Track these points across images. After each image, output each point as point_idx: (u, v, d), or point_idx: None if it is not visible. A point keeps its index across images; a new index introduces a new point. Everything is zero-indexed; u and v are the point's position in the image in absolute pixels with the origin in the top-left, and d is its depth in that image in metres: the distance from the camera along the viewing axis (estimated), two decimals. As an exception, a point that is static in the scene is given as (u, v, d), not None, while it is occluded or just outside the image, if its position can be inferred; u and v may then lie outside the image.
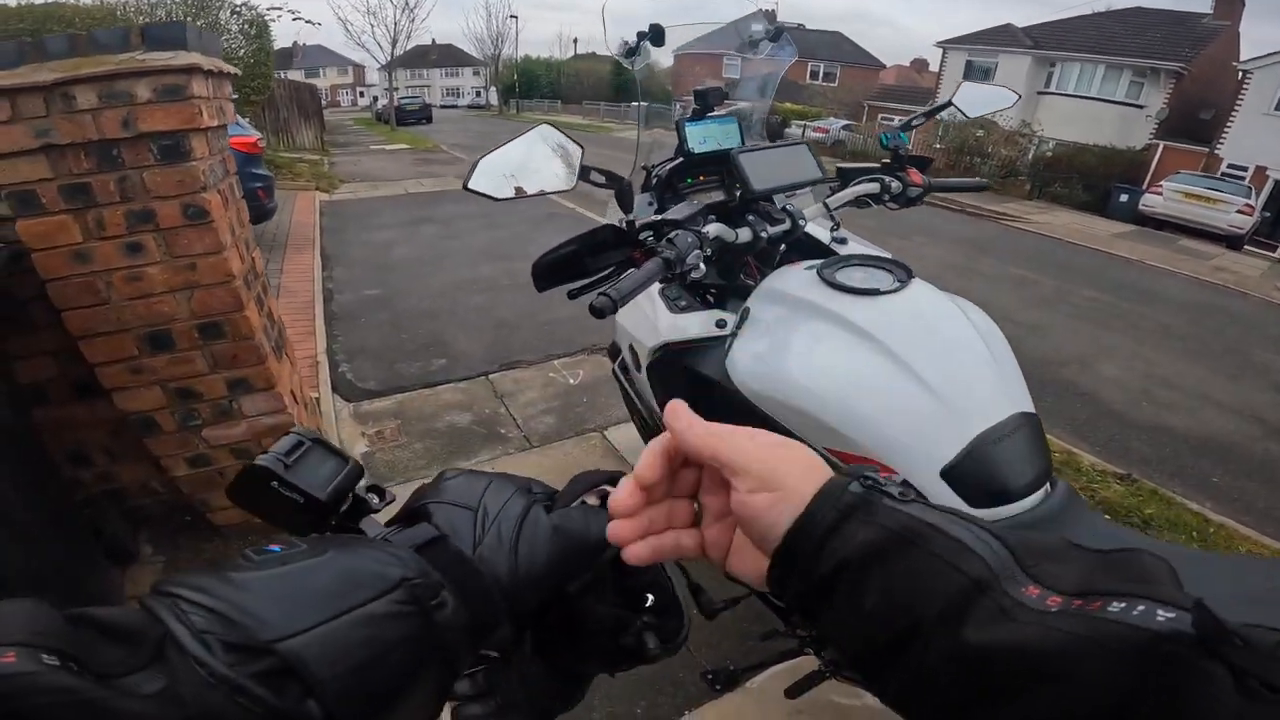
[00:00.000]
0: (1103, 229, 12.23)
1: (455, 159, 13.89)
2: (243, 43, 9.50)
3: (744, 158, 1.17)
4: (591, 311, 0.85)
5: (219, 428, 1.89)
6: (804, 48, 32.29)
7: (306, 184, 9.17)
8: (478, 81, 57.10)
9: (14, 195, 1.55)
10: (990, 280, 6.83)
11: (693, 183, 1.41)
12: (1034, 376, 4.34)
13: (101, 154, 1.56)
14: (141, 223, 1.62)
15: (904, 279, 1.05)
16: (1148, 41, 18.82)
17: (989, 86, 1.52)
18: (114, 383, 1.76)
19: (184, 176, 1.61)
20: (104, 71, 1.50)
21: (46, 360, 1.80)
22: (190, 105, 1.57)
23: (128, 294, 1.68)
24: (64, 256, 1.61)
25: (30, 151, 1.52)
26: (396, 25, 26.92)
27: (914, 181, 1.39)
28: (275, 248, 5.65)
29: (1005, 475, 0.87)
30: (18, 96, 1.48)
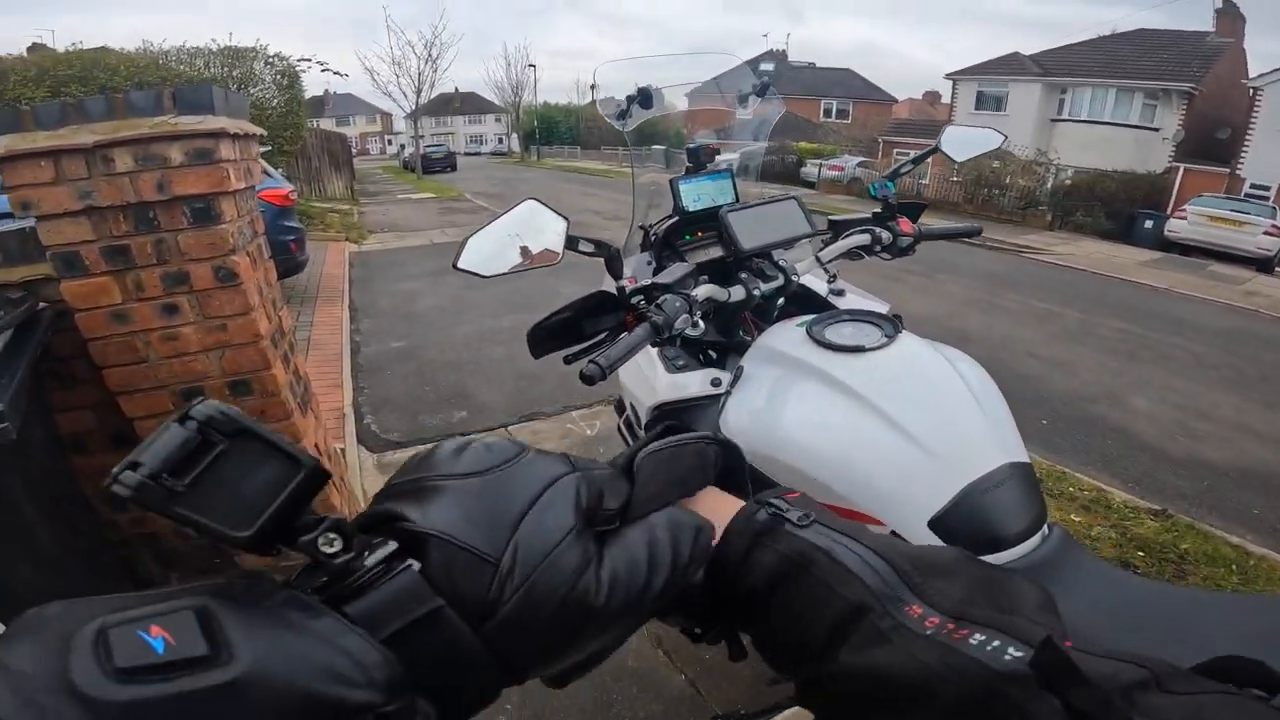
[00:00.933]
0: (1128, 257, 12.07)
1: (479, 208, 14.27)
2: (275, 93, 9.91)
3: (732, 216, 1.19)
4: (581, 379, 0.88)
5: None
6: (816, 85, 32.65)
7: (337, 235, 9.49)
8: (500, 128, 58.68)
9: (59, 256, 1.64)
10: (1013, 315, 6.77)
11: (690, 239, 1.43)
12: (1061, 414, 4.31)
13: (139, 216, 1.64)
14: (177, 284, 1.70)
15: (891, 334, 1.06)
16: (1156, 63, 18.78)
17: (975, 129, 1.54)
18: (149, 435, 1.83)
19: (215, 239, 1.69)
20: (140, 135, 1.58)
21: (86, 414, 1.87)
22: (219, 169, 1.65)
23: (164, 353, 1.75)
24: (105, 317, 1.70)
25: (74, 213, 1.60)
26: (420, 75, 27.73)
27: (904, 231, 1.40)
28: (307, 300, 5.83)
29: (995, 523, 0.88)
30: (61, 157, 1.56)
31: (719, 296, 1.15)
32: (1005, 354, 5.40)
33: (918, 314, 6.19)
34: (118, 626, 0.24)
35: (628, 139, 1.49)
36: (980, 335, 5.86)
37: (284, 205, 5.72)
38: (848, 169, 20.65)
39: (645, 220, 1.51)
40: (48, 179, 1.57)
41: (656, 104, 1.56)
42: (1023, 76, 20.49)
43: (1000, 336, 5.90)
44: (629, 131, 1.48)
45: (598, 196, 16.13)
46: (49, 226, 1.62)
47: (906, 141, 23.63)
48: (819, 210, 6.30)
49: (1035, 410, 4.29)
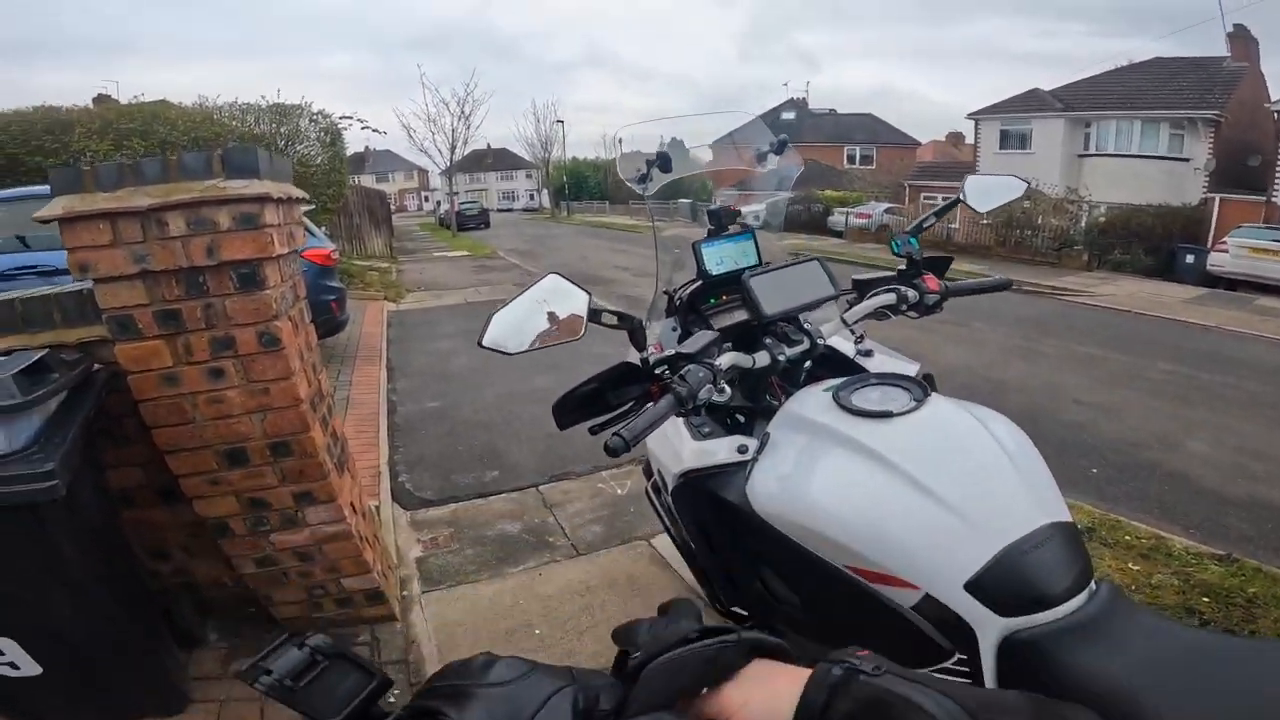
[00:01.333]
0: (1172, 295, 11.74)
1: (511, 265, 14.62)
2: (319, 150, 10.37)
3: (754, 282, 1.20)
4: (606, 451, 0.89)
5: (285, 534, 2.01)
6: (838, 132, 32.88)
7: (376, 294, 9.79)
8: (530, 184, 60.16)
9: (115, 319, 1.71)
10: (1054, 361, 6.59)
11: (715, 303, 1.43)
12: (1111, 461, 4.15)
13: (190, 281, 1.70)
14: (223, 349, 1.76)
15: (920, 398, 1.05)
16: (1176, 91, 18.47)
17: (997, 177, 1.52)
18: (195, 492, 1.90)
19: (259, 304, 1.75)
20: (191, 199, 1.64)
21: (135, 470, 1.95)
22: (263, 234, 1.71)
23: (209, 414, 1.81)
24: (156, 379, 1.76)
25: (129, 277, 1.67)
26: (454, 131, 28.33)
27: (931, 289, 1.38)
28: (346, 359, 5.98)
29: (1037, 583, 0.86)
30: (118, 220, 1.63)
31: (744, 364, 1.16)
32: (1048, 402, 5.25)
33: (953, 364, 6.07)
34: None
35: (649, 204, 1.52)
36: (1020, 384, 5.71)
37: (326, 265, 5.91)
38: (875, 216, 20.57)
39: (669, 284, 1.52)
40: (105, 241, 1.64)
41: (678, 157, 1.59)
42: (1045, 113, 20.29)
43: (1041, 384, 5.74)
44: (650, 196, 1.50)
45: (626, 252, 16.38)
46: (106, 290, 1.69)
47: (932, 185, 23.56)
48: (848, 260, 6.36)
49: (1083, 459, 4.13)
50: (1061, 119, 19.80)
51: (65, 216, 1.61)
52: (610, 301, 8.90)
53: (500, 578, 2.65)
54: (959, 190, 1.50)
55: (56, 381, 1.47)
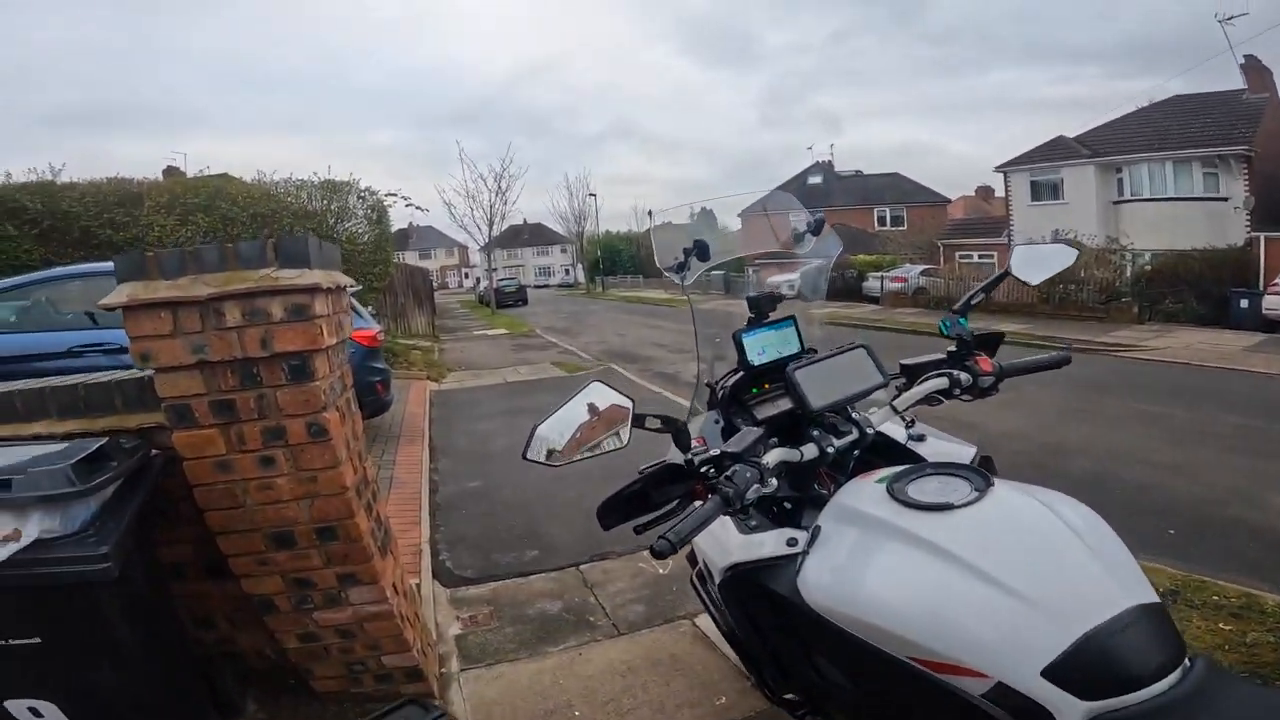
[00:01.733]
0: (1231, 344, 11.23)
1: (549, 343, 14.88)
2: (366, 227, 10.76)
3: (799, 375, 1.18)
4: (652, 554, 0.88)
5: (328, 612, 2.04)
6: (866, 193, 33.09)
7: (419, 373, 10.03)
8: (565, 258, 61.75)
9: (173, 408, 1.78)
10: (1116, 421, 6.30)
11: (758, 392, 1.41)
12: (1189, 521, 3.89)
13: (244, 372, 1.77)
14: (274, 439, 1.83)
15: (981, 487, 1.00)
16: (1202, 129, 18.11)
17: (1045, 246, 1.50)
18: (243, 570, 1.95)
19: (309, 395, 1.81)
20: (247, 289, 1.72)
21: (186, 547, 2.02)
22: (314, 325, 1.78)
23: (259, 500, 1.86)
24: (210, 466, 1.82)
25: (188, 367, 1.75)
26: (492, 207, 29.15)
27: (984, 370, 1.34)
28: (390, 439, 6.08)
29: (1125, 666, 0.82)
30: (179, 309, 1.71)
31: (791, 458, 1.14)
32: (1114, 464, 4.99)
33: (1008, 430, 5.84)
34: None
35: (688, 294, 1.52)
36: (1082, 447, 5.45)
37: (372, 346, 6.06)
38: (911, 279, 20.35)
39: (711, 376, 1.50)
40: (166, 331, 1.72)
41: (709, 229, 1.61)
42: (1073, 160, 19.99)
43: (1105, 447, 5.47)
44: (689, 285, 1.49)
45: (661, 328, 16.55)
46: (165, 379, 1.77)
47: (966, 243, 23.39)
48: (886, 327, 6.35)
49: (1159, 520, 3.88)
50: (1091, 165, 19.51)
51: (130, 304, 1.70)
52: (648, 379, 8.97)
53: (540, 657, 2.59)
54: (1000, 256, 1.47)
55: (114, 469, 1.53)
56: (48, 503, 1.33)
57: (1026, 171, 21.15)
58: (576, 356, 12.22)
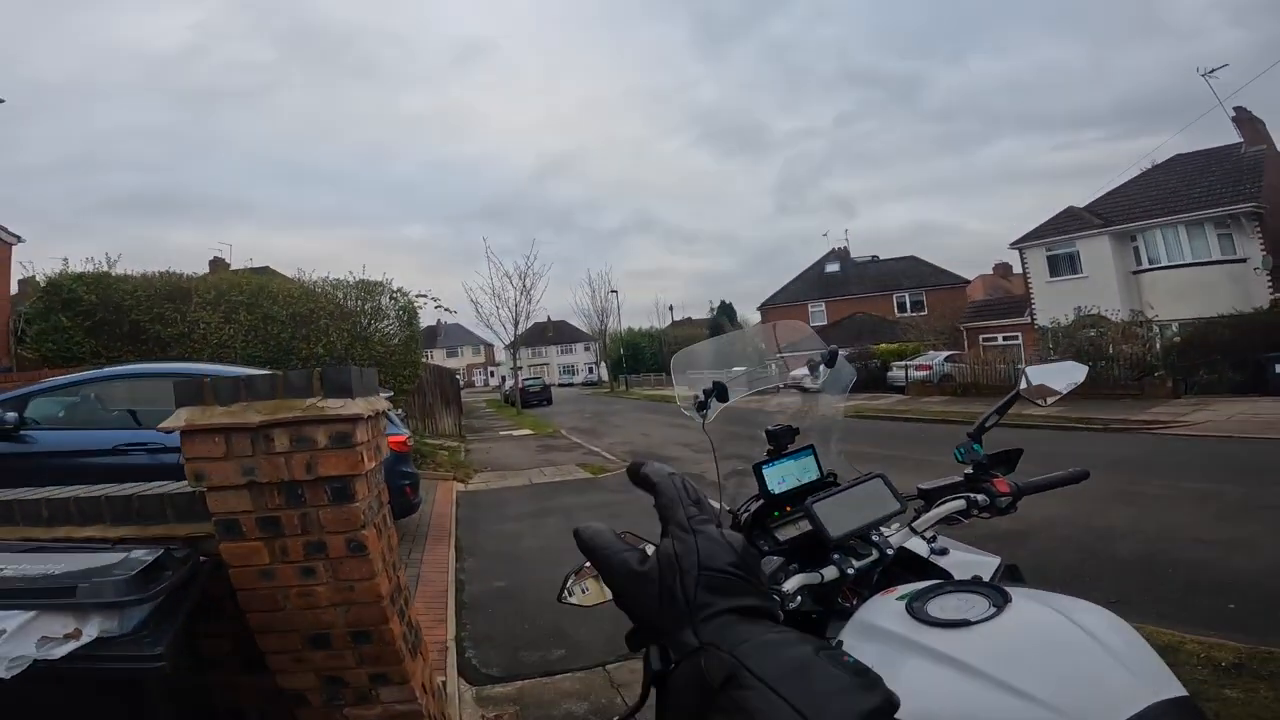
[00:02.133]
0: (1273, 411, 10.86)
1: (574, 444, 14.89)
2: (397, 329, 11.08)
3: (819, 507, 1.23)
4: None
5: (358, 709, 2.07)
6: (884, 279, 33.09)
7: (446, 474, 10.09)
8: (589, 356, 62.30)
9: (222, 523, 1.91)
10: (1163, 501, 6.10)
11: (779, 516, 1.44)
12: (1250, 595, 3.71)
13: (290, 493, 1.91)
14: (315, 552, 1.93)
15: (999, 602, 1.04)
16: (1208, 187, 18.15)
17: (1054, 364, 1.52)
18: (279, 666, 2.01)
19: (349, 515, 1.93)
20: (295, 418, 1.86)
21: (226, 641, 2.08)
22: (355, 452, 1.91)
23: (299, 605, 1.93)
24: (254, 574, 1.92)
25: (238, 487, 1.88)
26: (517, 305, 29.75)
27: (1001, 491, 1.36)
28: (417, 539, 6.09)
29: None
30: (232, 434, 1.86)
31: (811, 581, 1.17)
32: (1166, 544, 4.80)
33: (1050, 516, 5.66)
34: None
35: (709, 434, 1.54)
36: (1130, 529, 5.26)
37: (402, 451, 6.20)
38: (935, 366, 20.16)
39: (733, 503, 1.53)
40: (219, 454, 1.87)
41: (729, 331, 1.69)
42: (1086, 231, 20.04)
43: (1155, 528, 5.26)
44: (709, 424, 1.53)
45: (686, 428, 16.44)
46: (217, 497, 1.90)
47: (989, 325, 23.33)
48: (914, 418, 6.38)
49: (1218, 597, 3.69)
50: (1105, 235, 19.52)
51: (187, 429, 1.86)
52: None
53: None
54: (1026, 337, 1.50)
55: (168, 578, 1.60)
56: (108, 608, 1.41)
57: (1042, 246, 21.14)
58: (601, 457, 12.20)
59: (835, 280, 37.56)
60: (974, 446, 1.43)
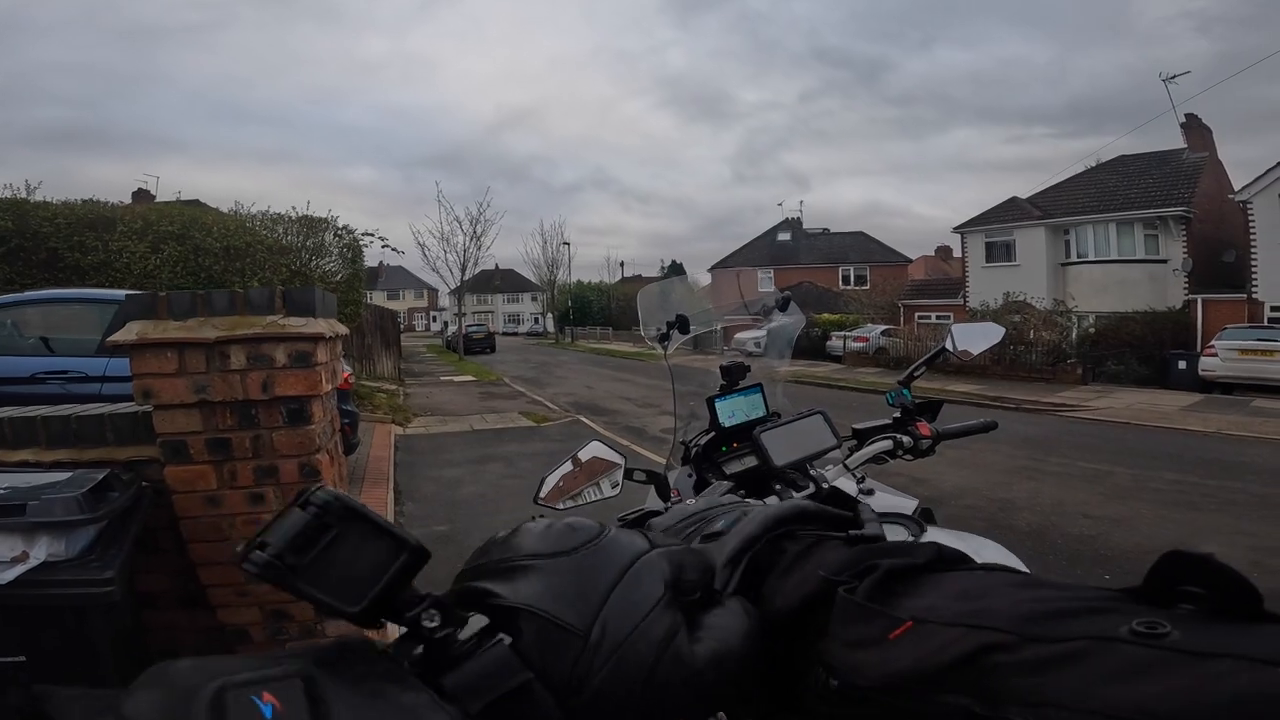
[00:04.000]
0: (1169, 404, 11.85)
1: (517, 392, 14.84)
2: (340, 266, 10.68)
3: (765, 437, 1.31)
4: None
5: (303, 643, 2.06)
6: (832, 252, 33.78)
7: (384, 417, 9.94)
8: (536, 307, 61.13)
9: (168, 444, 1.84)
10: (1060, 478, 6.60)
11: (727, 451, 1.56)
12: (1125, 569, 4.12)
13: (243, 413, 1.85)
14: (266, 477, 1.90)
15: (916, 533, 1.17)
16: (1144, 189, 18.81)
17: (976, 325, 1.67)
18: (220, 601, 1.99)
19: (304, 439, 1.90)
20: (253, 334, 1.80)
21: (163, 576, 2.03)
22: (315, 372, 1.87)
23: (246, 534, 1.86)
24: (199, 500, 1.88)
25: (188, 405, 1.82)
26: (465, 252, 29.10)
27: (923, 435, 1.51)
28: (354, 480, 6.04)
29: None
30: (185, 350, 1.78)
31: None
32: (1058, 518, 5.24)
33: (959, 486, 6.10)
34: (234, 689, 0.27)
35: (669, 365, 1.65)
36: (1028, 502, 5.71)
37: (344, 388, 6.06)
38: (872, 339, 20.79)
39: (685, 435, 1.65)
40: (171, 370, 1.80)
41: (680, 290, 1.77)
42: (1025, 221, 20.61)
43: (1049, 502, 5.74)
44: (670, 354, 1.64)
45: (631, 382, 16.63)
46: (164, 416, 1.83)
47: (926, 304, 24.20)
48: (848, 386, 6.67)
49: (1097, 568, 4.11)
50: (1042, 227, 20.16)
51: (138, 343, 1.78)
52: (616, 432, 9.06)
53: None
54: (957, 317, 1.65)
55: (117, 500, 1.59)
56: (56, 528, 1.40)
57: (982, 233, 21.74)
58: (544, 407, 12.22)
59: (786, 249, 38.08)
60: (903, 392, 1.56)
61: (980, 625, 0.32)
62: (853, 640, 0.35)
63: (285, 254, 9.75)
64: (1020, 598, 0.34)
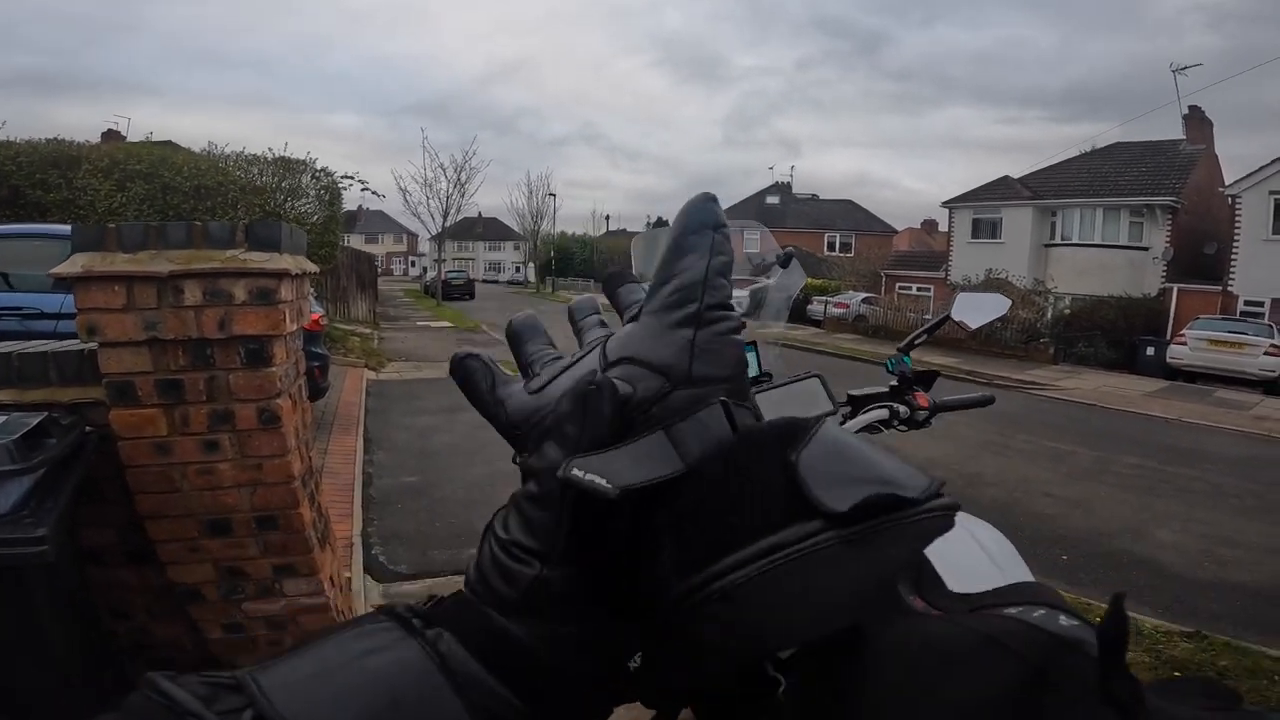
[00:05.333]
0: (1135, 389, 12.13)
1: (495, 340, 14.67)
2: (317, 208, 10.41)
3: (760, 398, 1.26)
4: None
5: (259, 603, 1.98)
6: (820, 218, 33.77)
7: (356, 360, 9.77)
8: (518, 256, 60.17)
9: (115, 385, 1.70)
10: (1026, 456, 6.75)
11: None
12: (1082, 550, 4.24)
13: (197, 352, 1.72)
14: (221, 422, 1.77)
15: None
16: (1136, 178, 18.90)
17: (984, 295, 1.63)
18: (171, 557, 1.87)
19: (264, 381, 1.77)
20: (211, 269, 1.66)
21: (109, 531, 1.91)
22: (277, 310, 1.74)
23: (198, 485, 1.80)
24: (148, 447, 1.75)
25: (137, 343, 1.68)
26: (448, 198, 28.56)
27: (921, 405, 1.47)
28: (323, 426, 5.93)
29: None
30: (135, 284, 1.64)
31: None
32: (1021, 495, 5.36)
33: (933, 458, 6.17)
34: None
35: None
36: (994, 478, 5.83)
37: (313, 330, 5.90)
38: (852, 306, 20.86)
39: None
40: (118, 305, 1.65)
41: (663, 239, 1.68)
42: (1014, 200, 20.66)
43: (1015, 478, 5.86)
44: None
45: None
46: (110, 354, 1.69)
47: (908, 275, 24.28)
48: (826, 351, 6.63)
49: (1055, 548, 4.22)
50: (1030, 207, 20.22)
51: (84, 275, 1.63)
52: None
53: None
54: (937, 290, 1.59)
55: (53, 447, 1.49)
56: (-15, 477, 1.30)
57: (970, 209, 21.75)
58: (523, 357, 12.12)
59: (774, 212, 37.77)
60: (904, 359, 1.52)
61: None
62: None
63: (259, 194, 9.41)
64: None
